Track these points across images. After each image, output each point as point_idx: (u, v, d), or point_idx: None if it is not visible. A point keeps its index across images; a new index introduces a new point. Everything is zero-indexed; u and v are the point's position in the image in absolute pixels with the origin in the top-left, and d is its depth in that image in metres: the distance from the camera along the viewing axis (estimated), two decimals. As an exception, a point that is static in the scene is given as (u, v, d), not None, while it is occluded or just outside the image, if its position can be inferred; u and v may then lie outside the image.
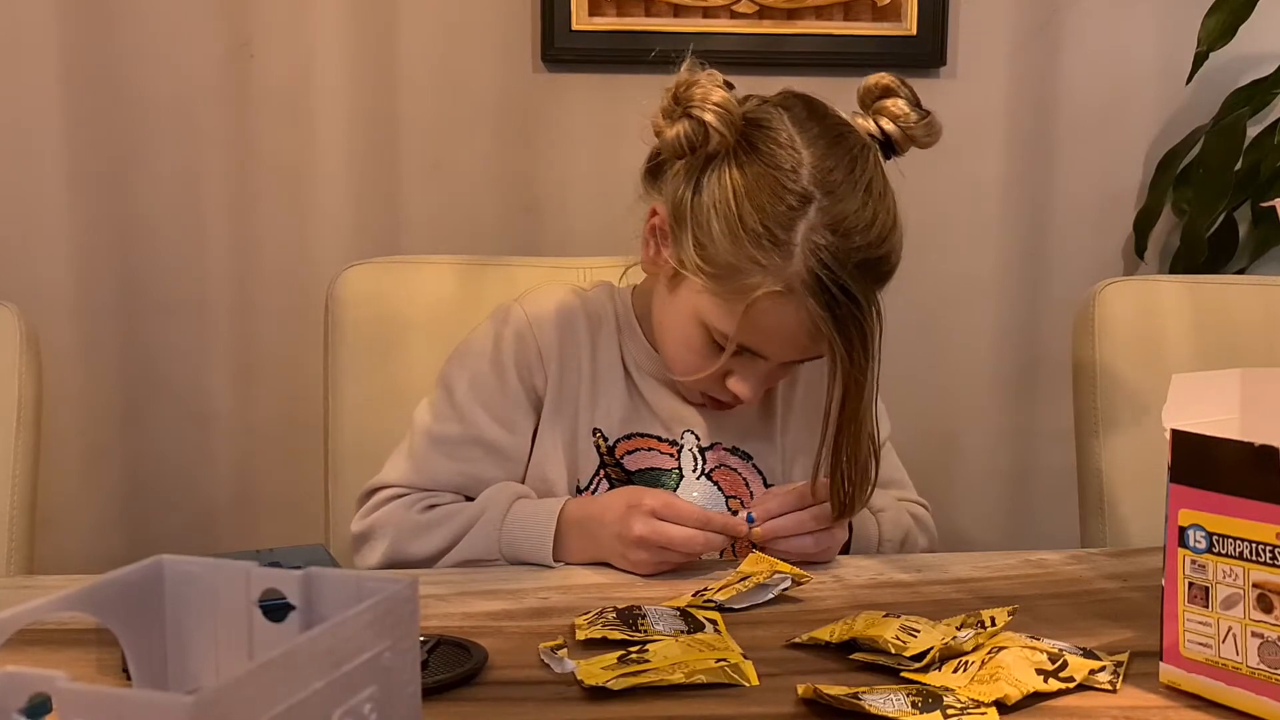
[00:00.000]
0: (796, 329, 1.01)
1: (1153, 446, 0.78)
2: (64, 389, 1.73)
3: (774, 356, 1.06)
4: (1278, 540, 0.68)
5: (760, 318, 1.01)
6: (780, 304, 1.00)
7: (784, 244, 0.99)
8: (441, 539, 1.06)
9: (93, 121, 1.79)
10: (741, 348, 1.04)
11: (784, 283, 0.99)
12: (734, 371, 1.07)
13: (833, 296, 0.98)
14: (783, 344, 1.04)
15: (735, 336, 1.03)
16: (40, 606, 0.48)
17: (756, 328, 1.02)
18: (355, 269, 1.33)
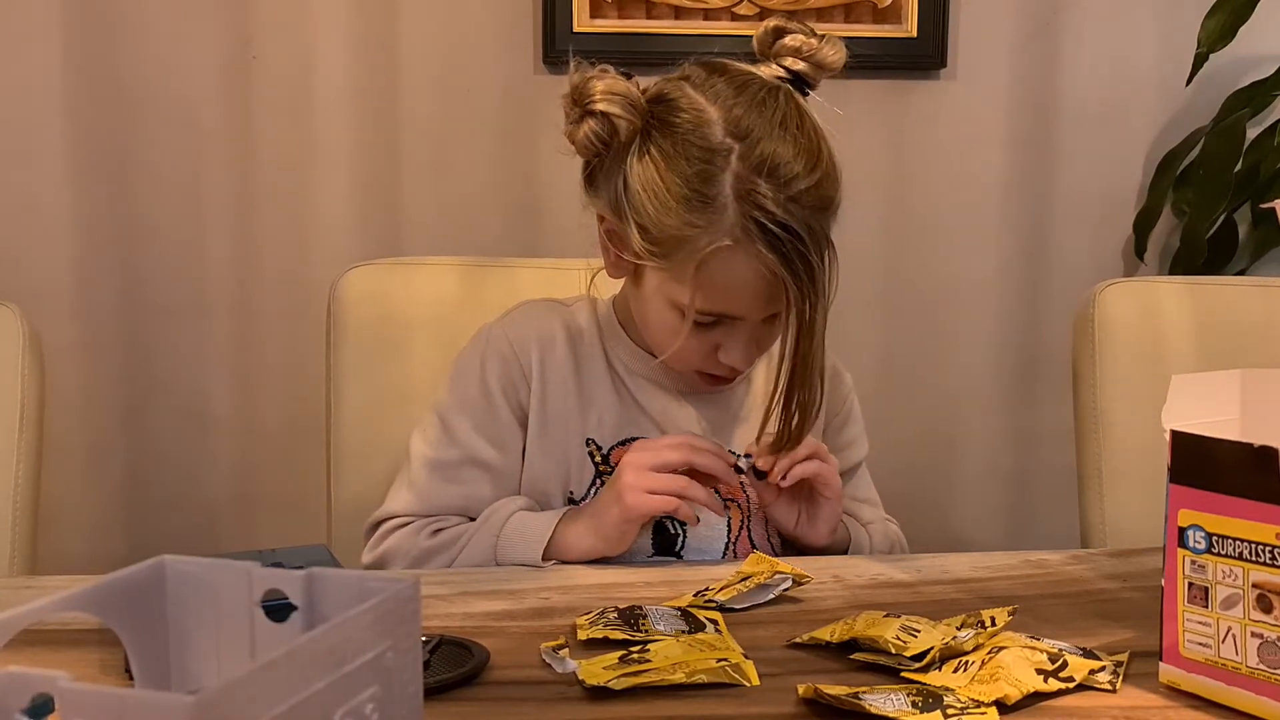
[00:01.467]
0: (753, 279, 1.01)
1: (1153, 447, 0.78)
2: (66, 390, 1.73)
3: (747, 314, 1.04)
4: (1277, 540, 0.68)
5: (716, 278, 1.01)
6: (728, 258, 1.00)
7: (714, 199, 0.99)
8: (449, 559, 1.08)
9: (95, 122, 1.80)
10: (714, 314, 1.04)
11: (726, 236, 0.99)
12: (721, 344, 1.07)
13: (775, 237, 0.98)
14: (747, 299, 1.03)
15: (701, 305, 1.02)
16: (42, 607, 0.48)
17: (717, 289, 1.02)
18: (357, 270, 1.33)
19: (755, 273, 1.00)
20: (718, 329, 1.06)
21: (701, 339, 1.06)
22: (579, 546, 1.05)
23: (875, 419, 1.95)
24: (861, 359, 1.93)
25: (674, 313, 1.06)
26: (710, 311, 1.04)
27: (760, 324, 1.07)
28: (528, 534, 1.05)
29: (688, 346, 1.07)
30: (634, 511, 1.02)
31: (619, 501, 1.02)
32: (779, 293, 1.01)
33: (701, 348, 1.07)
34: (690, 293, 1.02)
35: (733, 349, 1.07)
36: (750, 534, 1.14)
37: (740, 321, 1.05)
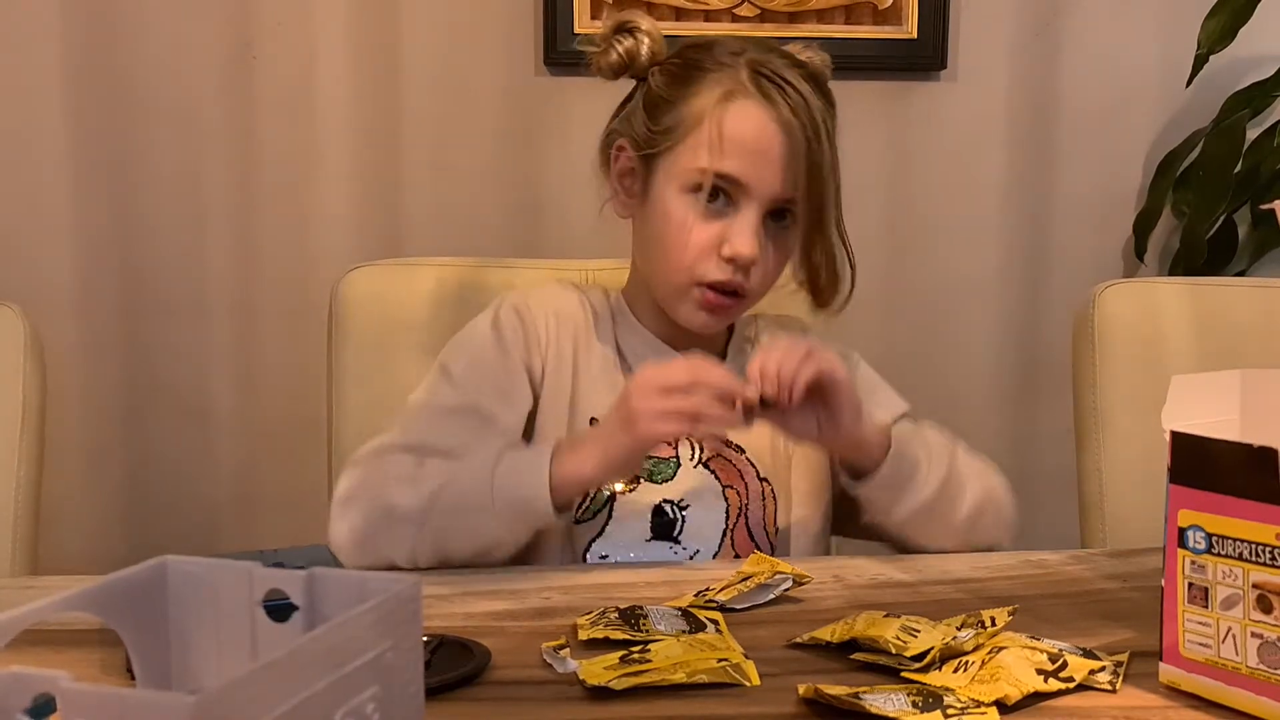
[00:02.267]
0: (758, 133, 1.07)
1: (1153, 447, 0.78)
2: (67, 390, 1.73)
3: (753, 180, 1.07)
4: (1277, 540, 0.68)
5: (723, 129, 1.07)
6: (740, 107, 1.08)
7: (715, 64, 1.10)
8: (428, 489, 1.01)
9: (96, 123, 1.80)
10: (726, 177, 1.07)
11: (728, 86, 1.08)
12: (727, 234, 1.08)
13: (776, 86, 1.07)
14: (754, 159, 1.07)
15: (716, 160, 1.07)
16: (44, 607, 0.48)
17: (725, 143, 1.07)
18: (359, 270, 1.34)
19: (760, 126, 1.07)
20: (725, 217, 1.08)
21: (709, 230, 1.08)
22: (580, 474, 1.00)
23: (875, 419, 1.96)
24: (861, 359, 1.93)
25: (686, 198, 1.09)
26: (723, 173, 1.07)
27: (767, 218, 1.09)
28: (522, 467, 1.01)
29: (695, 243, 1.08)
30: (647, 438, 0.98)
31: (629, 428, 0.98)
32: (780, 157, 1.07)
33: (708, 242, 1.08)
34: (706, 147, 1.07)
35: (741, 234, 1.07)
36: (748, 520, 1.14)
37: (748, 201, 1.07)
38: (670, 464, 1.13)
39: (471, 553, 1.02)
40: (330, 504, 1.06)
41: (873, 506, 1.09)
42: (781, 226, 1.11)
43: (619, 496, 1.11)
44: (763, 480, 1.15)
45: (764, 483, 1.16)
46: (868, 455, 1.06)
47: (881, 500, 1.08)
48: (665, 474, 1.13)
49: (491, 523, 1.00)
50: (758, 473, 1.15)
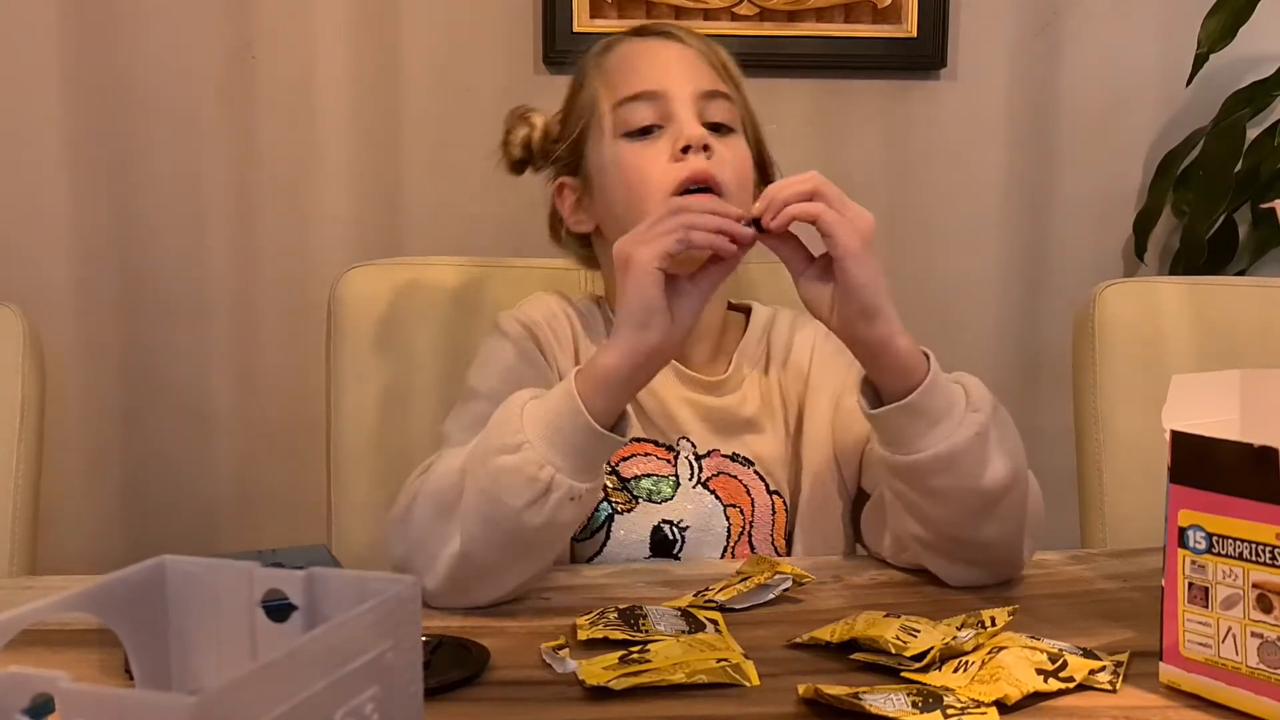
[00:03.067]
0: (648, 50, 1.14)
1: (1153, 446, 0.78)
2: (66, 389, 1.73)
3: (664, 83, 1.10)
4: (1277, 540, 0.68)
5: (615, 70, 1.13)
6: (615, 55, 1.14)
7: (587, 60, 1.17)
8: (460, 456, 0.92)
9: (95, 123, 1.80)
10: (639, 93, 1.10)
11: (605, 48, 1.16)
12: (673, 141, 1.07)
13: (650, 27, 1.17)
14: (655, 70, 1.11)
15: (625, 89, 1.10)
16: (43, 607, 0.48)
17: (622, 74, 1.12)
18: (358, 270, 1.34)
19: (649, 44, 1.14)
20: (667, 130, 1.08)
21: (653, 150, 1.08)
22: (605, 365, 0.90)
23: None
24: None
25: (620, 144, 1.10)
26: (633, 94, 1.09)
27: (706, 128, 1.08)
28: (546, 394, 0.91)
29: (651, 166, 1.07)
30: (648, 266, 0.89)
31: (629, 274, 0.90)
32: (687, 61, 1.12)
33: (660, 158, 1.07)
34: (609, 92, 1.11)
35: (679, 128, 1.07)
36: (752, 537, 1.11)
37: (674, 106, 1.08)
38: (669, 483, 1.10)
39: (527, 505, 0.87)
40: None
41: (889, 438, 0.93)
42: (724, 134, 1.10)
43: (617, 516, 1.09)
44: (773, 493, 1.12)
45: (774, 495, 1.12)
46: (895, 374, 0.91)
47: (903, 430, 0.92)
48: (664, 494, 1.10)
49: (537, 459, 0.87)
50: (767, 486, 1.12)
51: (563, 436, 0.88)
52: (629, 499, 1.09)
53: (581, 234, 1.19)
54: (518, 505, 0.87)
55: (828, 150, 1.92)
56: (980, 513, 0.93)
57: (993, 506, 0.93)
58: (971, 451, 0.91)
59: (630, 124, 1.10)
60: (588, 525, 1.08)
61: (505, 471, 0.87)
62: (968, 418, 0.91)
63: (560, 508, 0.88)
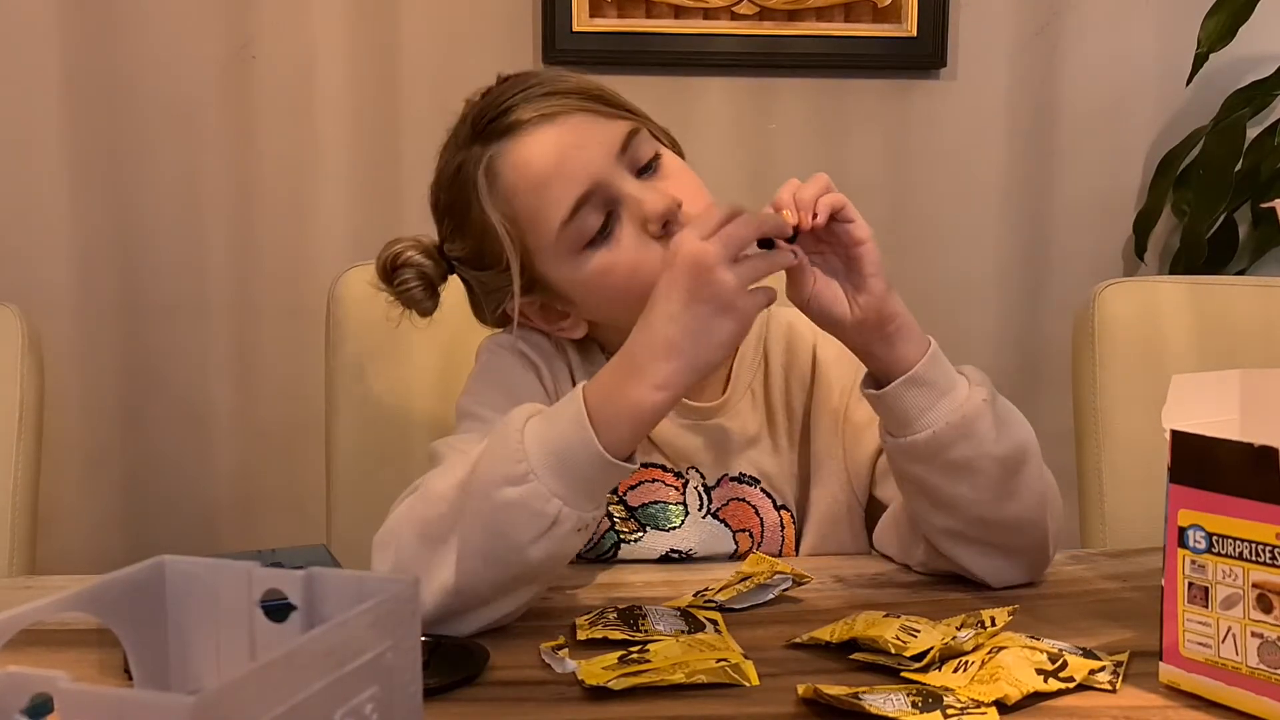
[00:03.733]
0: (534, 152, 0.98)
1: (1153, 446, 0.78)
2: (65, 390, 1.73)
3: (591, 175, 0.97)
4: (1277, 540, 0.68)
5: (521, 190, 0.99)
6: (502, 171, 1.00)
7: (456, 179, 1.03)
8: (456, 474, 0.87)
9: (94, 123, 1.80)
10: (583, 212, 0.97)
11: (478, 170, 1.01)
12: (640, 220, 0.98)
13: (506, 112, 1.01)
14: (563, 166, 0.97)
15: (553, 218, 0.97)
16: (42, 607, 0.48)
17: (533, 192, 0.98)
18: (357, 270, 1.33)
19: (527, 146, 0.98)
20: (622, 213, 0.98)
21: (629, 239, 0.98)
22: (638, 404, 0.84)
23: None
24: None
25: (584, 256, 0.99)
26: (572, 208, 0.97)
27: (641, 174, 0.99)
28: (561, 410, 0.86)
29: (643, 259, 0.97)
30: (754, 315, 0.87)
31: (729, 311, 0.84)
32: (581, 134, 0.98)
33: (640, 245, 0.98)
34: (536, 218, 0.98)
35: (641, 205, 0.97)
36: None
37: (615, 188, 0.98)
38: (677, 511, 1.07)
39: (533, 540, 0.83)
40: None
41: (898, 417, 0.92)
42: (657, 169, 1.01)
43: (623, 545, 1.06)
44: (780, 509, 1.10)
45: (781, 510, 1.10)
46: (903, 350, 0.92)
47: (913, 404, 0.91)
48: (672, 522, 1.07)
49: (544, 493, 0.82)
50: (774, 502, 1.09)
51: (571, 467, 0.83)
52: (637, 527, 1.07)
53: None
54: (523, 540, 0.83)
55: (828, 150, 1.92)
56: (1001, 485, 0.92)
57: (1012, 477, 0.93)
58: (983, 418, 0.92)
59: (585, 235, 0.98)
60: (594, 549, 1.06)
61: (510, 506, 0.82)
62: (974, 389, 0.93)
63: (567, 539, 0.84)
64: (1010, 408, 0.97)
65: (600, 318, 1.05)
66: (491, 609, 0.86)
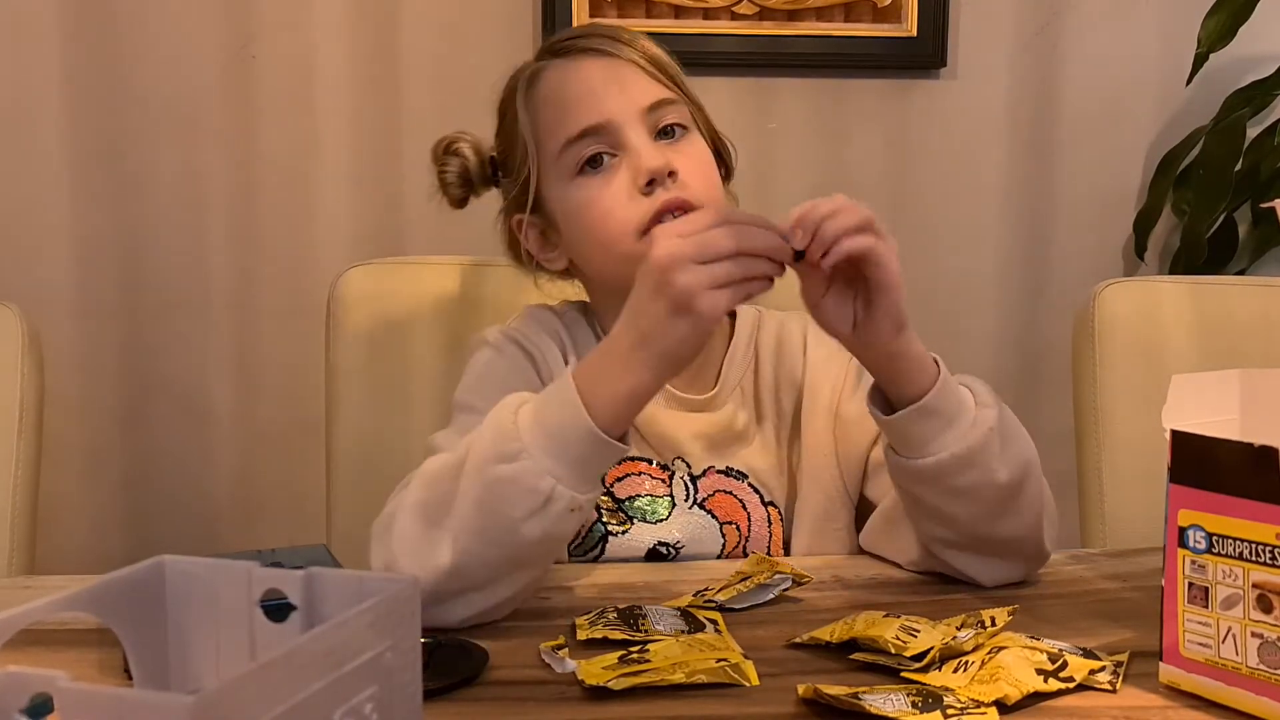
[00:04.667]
0: (574, 76, 1.06)
1: (1153, 446, 0.78)
2: (65, 389, 1.73)
3: (605, 113, 1.03)
4: (1278, 540, 0.68)
5: (545, 106, 1.06)
6: (540, 87, 1.07)
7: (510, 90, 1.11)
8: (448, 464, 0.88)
9: (94, 122, 1.80)
10: (585, 130, 1.03)
11: (526, 80, 1.09)
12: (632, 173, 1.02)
13: (562, 44, 1.09)
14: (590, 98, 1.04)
15: (567, 130, 1.03)
16: (42, 606, 0.48)
17: (556, 110, 1.05)
18: (357, 269, 1.34)
19: (572, 69, 1.06)
20: (622, 158, 1.02)
21: (613, 185, 1.02)
22: (619, 387, 0.85)
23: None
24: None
25: (576, 183, 1.04)
26: (576, 133, 1.03)
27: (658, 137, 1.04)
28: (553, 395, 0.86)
29: (612, 203, 1.01)
30: (712, 319, 0.83)
31: (684, 312, 0.83)
32: (620, 77, 1.04)
33: (621, 193, 1.02)
34: (548, 132, 1.05)
35: (637, 158, 1.01)
36: (746, 552, 1.08)
37: (624, 133, 1.02)
38: (664, 503, 1.08)
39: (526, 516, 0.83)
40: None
41: (902, 440, 0.92)
42: (680, 138, 1.05)
43: (610, 538, 1.07)
44: (768, 505, 1.10)
45: (769, 507, 1.10)
46: (908, 379, 0.90)
47: (919, 432, 0.90)
48: (659, 514, 1.08)
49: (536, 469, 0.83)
50: (762, 498, 1.10)
51: (564, 446, 0.83)
52: (624, 519, 1.07)
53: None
54: (516, 516, 0.83)
55: (828, 150, 1.92)
56: (1001, 506, 0.93)
57: (1012, 499, 0.93)
58: (989, 447, 0.91)
59: (581, 161, 1.03)
60: (582, 544, 1.07)
61: (502, 482, 0.83)
62: (980, 414, 0.92)
63: (561, 519, 0.84)
64: (1014, 423, 0.96)
65: (574, 254, 1.09)
66: (487, 594, 0.86)
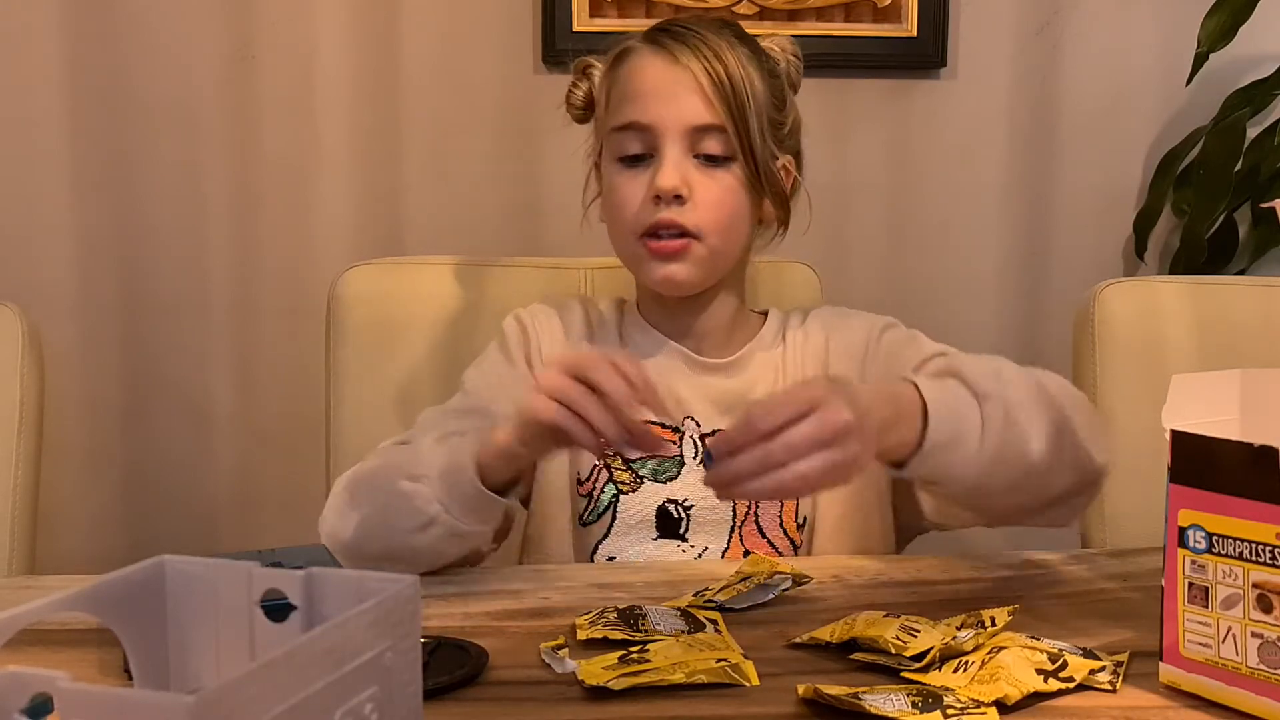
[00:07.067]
0: (647, 74, 1.09)
1: (1153, 446, 0.78)
2: (65, 389, 1.73)
3: (654, 118, 1.08)
4: (1278, 540, 0.68)
5: (615, 88, 1.12)
6: (624, 67, 1.12)
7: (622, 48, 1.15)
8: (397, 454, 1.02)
9: (95, 122, 1.79)
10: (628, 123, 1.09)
11: (621, 52, 1.13)
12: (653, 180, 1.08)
13: (667, 34, 1.11)
14: (650, 99, 1.08)
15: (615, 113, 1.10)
16: (42, 606, 0.48)
17: (620, 97, 1.11)
18: (357, 269, 1.34)
19: (651, 66, 1.10)
20: (654, 163, 1.08)
21: (635, 183, 1.09)
22: (497, 442, 0.95)
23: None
24: (861, 359, 1.93)
25: (614, 166, 1.11)
26: (623, 124, 1.09)
27: (700, 159, 1.08)
28: (462, 442, 0.97)
29: (627, 200, 1.09)
30: (527, 411, 0.90)
31: (523, 414, 0.92)
32: (687, 91, 1.07)
33: (637, 193, 1.08)
34: (609, 111, 1.11)
35: (658, 172, 1.07)
36: (758, 516, 1.11)
37: (663, 143, 1.07)
38: (674, 463, 1.13)
39: (412, 530, 0.95)
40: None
41: (935, 478, 0.92)
42: (716, 165, 1.09)
43: (622, 497, 1.11)
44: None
45: None
46: (900, 437, 0.87)
47: (931, 471, 0.90)
48: (669, 473, 1.12)
49: (429, 495, 0.95)
50: None
51: (457, 486, 0.95)
52: (634, 479, 1.11)
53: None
54: (404, 527, 0.96)
55: (828, 150, 1.92)
56: (1047, 475, 0.94)
57: (1057, 455, 0.93)
58: (1001, 459, 0.90)
59: (622, 150, 1.10)
60: (593, 509, 1.11)
61: (400, 495, 0.96)
62: (987, 413, 0.90)
63: (443, 540, 0.97)
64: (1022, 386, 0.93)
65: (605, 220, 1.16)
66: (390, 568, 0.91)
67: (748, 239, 1.15)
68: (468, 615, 0.90)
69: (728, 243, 1.11)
